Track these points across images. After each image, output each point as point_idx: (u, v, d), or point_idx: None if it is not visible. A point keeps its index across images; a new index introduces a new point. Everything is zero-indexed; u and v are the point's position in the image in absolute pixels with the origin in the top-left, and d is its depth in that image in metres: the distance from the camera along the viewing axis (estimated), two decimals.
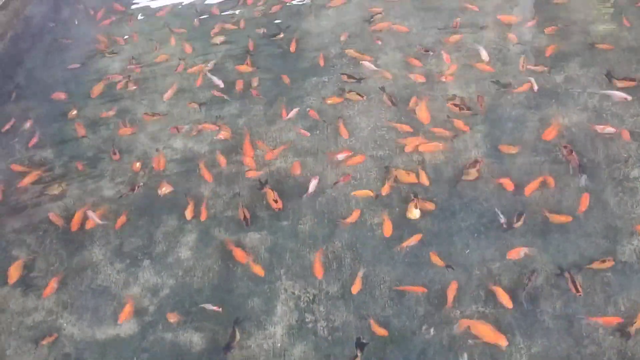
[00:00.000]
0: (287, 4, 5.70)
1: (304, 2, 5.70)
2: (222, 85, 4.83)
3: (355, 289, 3.36)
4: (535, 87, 4.33)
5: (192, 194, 4.05)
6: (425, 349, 3.10)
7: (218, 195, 4.02)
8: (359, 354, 3.08)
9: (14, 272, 3.71)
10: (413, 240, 3.52)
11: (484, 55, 4.66)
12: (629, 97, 4.11)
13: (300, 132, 4.35)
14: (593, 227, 3.46)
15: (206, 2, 5.97)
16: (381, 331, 3.17)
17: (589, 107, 4.16)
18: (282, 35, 5.27)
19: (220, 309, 3.39)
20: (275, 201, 3.84)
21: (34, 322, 3.50)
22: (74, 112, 4.82)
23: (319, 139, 4.28)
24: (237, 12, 5.74)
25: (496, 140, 4.03)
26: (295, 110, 4.49)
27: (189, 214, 3.90)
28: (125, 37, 5.66)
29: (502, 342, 3.02)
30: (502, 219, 3.54)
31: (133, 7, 6.11)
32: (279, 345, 3.22)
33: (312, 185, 3.93)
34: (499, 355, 3.02)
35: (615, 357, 2.95)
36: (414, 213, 3.65)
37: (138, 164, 4.30)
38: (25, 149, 4.57)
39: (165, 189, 4.05)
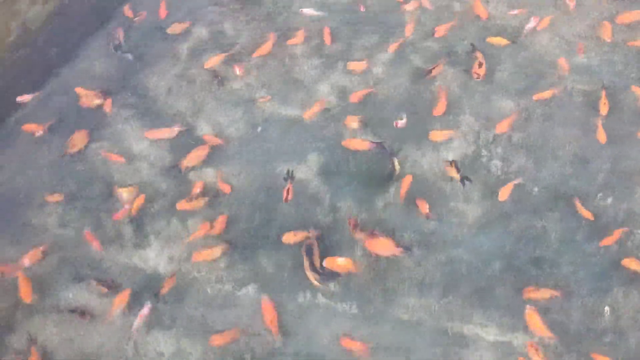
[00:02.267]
0: None
1: None
2: None
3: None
4: None
5: (396, 22, 4.06)
6: (599, 214, 3.03)
7: (421, 23, 4.02)
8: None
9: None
10: None
11: None
12: None
13: None
14: None
15: None
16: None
17: None
18: None
19: (405, 123, 3.50)
20: (480, 65, 3.69)
21: (232, 89, 3.83)
22: None
23: None
24: None
25: None
26: None
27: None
28: None
29: None
30: None
31: None
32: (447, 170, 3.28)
33: (531, 24, 3.83)
34: None
35: None
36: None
37: None
38: None
39: None
